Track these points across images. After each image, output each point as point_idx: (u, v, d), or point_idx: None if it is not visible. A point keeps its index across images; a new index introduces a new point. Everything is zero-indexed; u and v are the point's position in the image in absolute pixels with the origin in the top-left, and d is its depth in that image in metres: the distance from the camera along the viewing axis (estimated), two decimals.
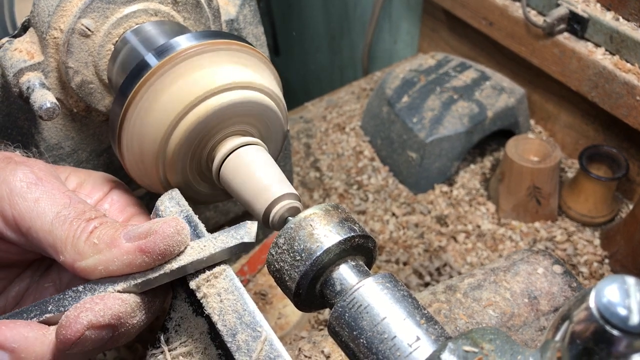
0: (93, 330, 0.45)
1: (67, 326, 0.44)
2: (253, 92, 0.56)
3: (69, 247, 0.47)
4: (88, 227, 0.48)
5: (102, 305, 0.46)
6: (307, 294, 0.47)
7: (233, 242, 0.50)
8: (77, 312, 0.45)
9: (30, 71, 0.62)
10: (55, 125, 0.67)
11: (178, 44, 0.54)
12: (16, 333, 0.44)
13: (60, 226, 0.48)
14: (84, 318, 0.45)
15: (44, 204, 0.49)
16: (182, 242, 0.48)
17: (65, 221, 0.48)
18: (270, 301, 0.94)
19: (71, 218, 0.48)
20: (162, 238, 0.47)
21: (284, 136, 0.63)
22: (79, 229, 0.48)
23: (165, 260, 0.48)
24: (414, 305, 0.43)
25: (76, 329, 0.44)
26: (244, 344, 0.44)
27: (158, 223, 0.48)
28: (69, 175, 0.57)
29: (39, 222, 0.48)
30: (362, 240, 0.47)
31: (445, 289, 0.72)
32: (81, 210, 0.49)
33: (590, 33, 1.07)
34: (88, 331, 0.45)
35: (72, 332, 0.44)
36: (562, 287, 0.72)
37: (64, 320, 0.45)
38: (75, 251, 0.47)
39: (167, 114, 0.53)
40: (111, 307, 0.46)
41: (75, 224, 0.48)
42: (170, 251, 0.48)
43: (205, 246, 0.49)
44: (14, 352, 0.44)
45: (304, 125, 1.41)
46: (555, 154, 1.10)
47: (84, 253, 0.47)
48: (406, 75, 1.30)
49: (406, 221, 1.16)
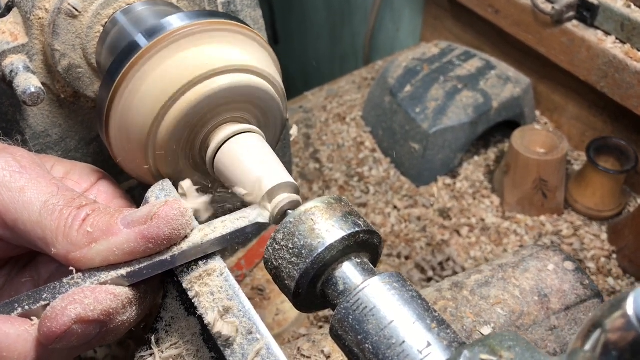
0: (80, 325, 0.42)
1: (53, 318, 0.41)
2: (250, 75, 0.52)
3: (61, 237, 0.44)
4: (80, 214, 0.44)
5: (93, 298, 0.42)
6: (308, 293, 0.44)
7: (245, 223, 0.46)
8: (65, 304, 0.42)
9: (14, 53, 0.59)
10: (42, 111, 0.64)
11: (170, 24, 0.51)
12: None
13: (49, 216, 0.44)
14: (72, 311, 0.41)
15: (30, 193, 0.45)
16: (187, 224, 0.45)
17: (55, 210, 0.44)
18: (268, 297, 0.90)
19: (61, 206, 0.45)
20: (167, 222, 0.44)
21: (283, 124, 0.59)
22: (70, 217, 0.44)
23: (170, 245, 0.45)
24: (424, 308, 0.39)
25: (62, 322, 0.41)
26: (239, 348, 0.41)
27: (158, 205, 0.44)
28: (54, 165, 0.54)
29: (26, 213, 0.44)
30: (367, 236, 0.44)
31: (451, 285, 0.69)
32: (70, 197, 0.46)
33: (600, 21, 1.03)
34: (75, 325, 0.41)
35: (57, 325, 0.41)
36: (573, 284, 0.69)
37: (49, 311, 0.42)
38: (68, 242, 0.44)
39: (156, 99, 0.50)
40: (102, 301, 0.43)
41: (66, 212, 0.44)
42: (176, 235, 0.44)
43: (216, 227, 0.46)
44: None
45: (304, 115, 1.38)
46: (562, 145, 1.07)
47: (78, 243, 0.44)
48: (409, 64, 1.26)
49: (408, 214, 1.13)
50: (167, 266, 0.45)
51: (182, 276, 0.46)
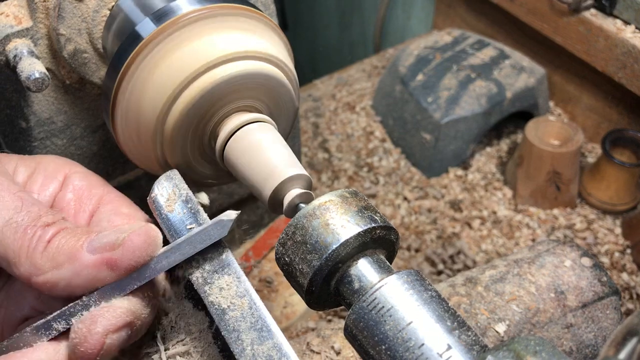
0: (113, 335, 0.41)
1: (83, 341, 0.40)
2: (262, 63, 0.51)
3: (24, 259, 0.42)
4: (45, 235, 0.42)
5: (109, 307, 0.42)
6: (321, 291, 0.42)
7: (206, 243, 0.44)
8: (88, 324, 0.41)
9: (18, 38, 0.57)
10: (46, 97, 0.63)
11: (179, 8, 0.49)
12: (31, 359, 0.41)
13: (12, 235, 0.42)
14: (99, 325, 0.41)
15: None
16: (152, 252, 0.43)
17: (18, 229, 0.42)
18: (276, 289, 0.89)
19: (24, 225, 0.42)
20: (131, 252, 0.42)
21: (295, 113, 0.57)
22: (35, 239, 0.42)
23: (132, 271, 0.43)
24: (444, 308, 0.37)
25: (95, 341, 0.40)
26: (249, 347, 0.39)
27: (126, 232, 0.42)
28: (16, 165, 0.50)
29: None
30: (384, 232, 0.42)
31: (465, 281, 0.67)
32: (36, 214, 0.43)
33: (619, 9, 1.00)
34: (108, 337, 0.41)
35: (92, 346, 0.40)
36: (591, 281, 0.67)
37: (75, 337, 0.41)
38: (31, 264, 0.42)
39: (165, 87, 0.48)
40: (120, 306, 0.42)
41: (30, 232, 0.42)
42: (138, 264, 0.42)
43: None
44: None
45: (313, 104, 1.36)
46: (577, 137, 1.05)
47: (41, 267, 0.42)
48: (421, 53, 1.24)
49: (418, 206, 1.11)
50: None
51: (191, 271, 0.44)
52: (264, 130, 0.51)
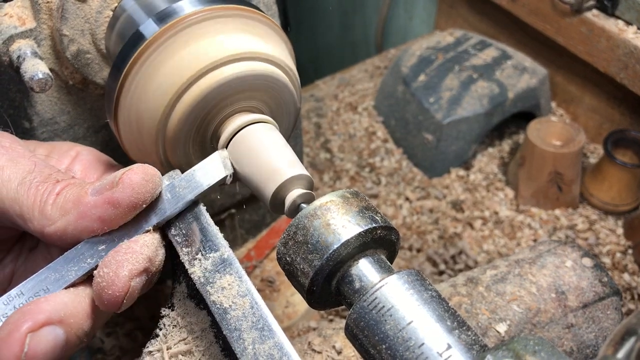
0: (136, 278, 0.43)
1: (111, 284, 0.42)
2: (264, 64, 0.51)
3: (36, 213, 0.44)
4: (54, 189, 0.45)
5: (132, 252, 0.44)
6: (322, 291, 0.42)
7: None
8: (114, 268, 0.43)
9: (22, 38, 0.57)
10: (50, 98, 0.63)
11: (181, 9, 0.49)
12: (55, 303, 0.42)
13: (25, 192, 0.45)
14: (125, 269, 0.43)
15: (8, 171, 0.45)
16: (153, 189, 0.45)
17: (31, 186, 0.45)
18: (278, 288, 0.89)
19: (37, 182, 0.45)
20: (130, 188, 0.44)
21: (297, 113, 0.58)
22: (46, 193, 0.45)
23: (137, 210, 0.45)
24: (444, 308, 0.38)
25: (123, 284, 0.42)
26: (251, 346, 0.40)
27: (123, 171, 0.45)
28: (35, 148, 0.54)
29: (4, 190, 0.45)
30: (385, 232, 0.42)
31: (466, 281, 0.67)
32: (47, 174, 0.46)
33: (621, 10, 1.00)
34: (132, 281, 0.43)
35: (118, 289, 0.42)
36: (592, 281, 0.67)
37: (101, 281, 0.42)
38: (42, 216, 0.44)
39: (167, 88, 0.48)
40: (140, 250, 0.44)
41: (42, 188, 0.45)
42: (141, 200, 0.44)
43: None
44: (62, 322, 0.42)
45: (315, 104, 1.36)
46: (579, 138, 1.05)
47: (52, 217, 0.44)
48: (423, 53, 1.24)
49: (420, 206, 1.11)
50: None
51: (193, 269, 0.45)
52: (266, 130, 0.51)
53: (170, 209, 0.47)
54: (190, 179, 0.48)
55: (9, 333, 0.39)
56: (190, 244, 0.46)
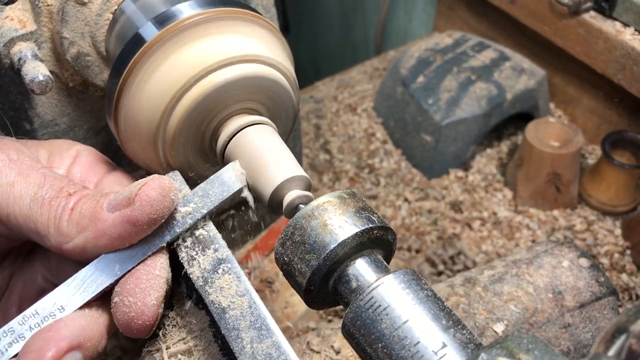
0: (162, 305, 0.44)
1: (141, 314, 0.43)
2: (262, 66, 0.51)
3: (52, 230, 0.44)
4: (68, 204, 0.45)
5: (154, 278, 0.44)
6: (319, 290, 0.43)
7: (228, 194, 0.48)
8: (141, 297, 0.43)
9: (22, 41, 0.58)
10: (50, 100, 0.63)
11: (180, 12, 0.49)
12: (74, 327, 0.42)
13: (39, 209, 0.44)
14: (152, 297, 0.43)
15: (19, 187, 0.45)
16: (170, 204, 0.45)
17: (44, 203, 0.44)
18: (277, 289, 0.90)
19: (50, 197, 0.45)
20: (149, 205, 0.43)
21: (295, 115, 0.58)
22: (59, 209, 0.44)
23: (156, 226, 0.44)
24: (440, 307, 0.38)
25: (152, 313, 0.43)
26: (249, 345, 0.40)
27: (139, 186, 0.44)
28: (37, 150, 0.53)
29: (17, 207, 0.44)
30: (381, 232, 0.43)
31: (463, 281, 0.68)
32: (58, 187, 0.46)
33: (618, 12, 1.01)
34: (160, 307, 0.44)
35: (150, 318, 0.43)
36: (588, 281, 0.67)
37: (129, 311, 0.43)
38: (59, 233, 0.44)
39: (167, 90, 0.49)
40: (160, 274, 0.44)
41: (55, 204, 0.44)
42: (160, 216, 0.44)
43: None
44: (80, 347, 0.41)
45: (314, 106, 1.36)
46: (577, 139, 1.05)
47: (69, 234, 0.44)
48: (422, 55, 1.25)
49: (419, 207, 1.12)
50: None
51: (191, 269, 0.45)
52: (264, 132, 0.51)
53: (184, 225, 0.46)
54: (203, 193, 0.48)
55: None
56: (189, 245, 0.46)
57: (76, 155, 0.54)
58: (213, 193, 0.48)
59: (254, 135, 0.51)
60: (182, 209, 0.47)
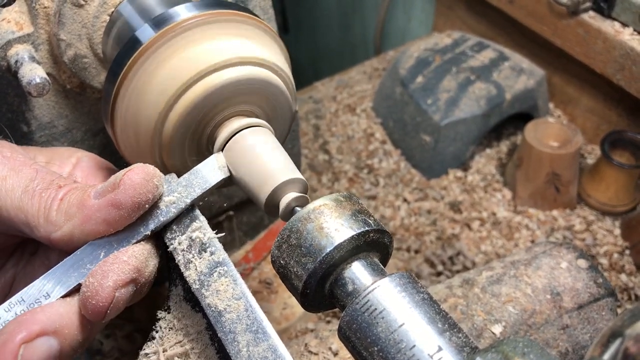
0: (122, 289, 0.43)
1: (95, 294, 0.42)
2: (259, 68, 0.51)
3: (42, 219, 0.45)
4: (58, 195, 0.45)
5: (119, 263, 0.44)
6: (315, 293, 0.43)
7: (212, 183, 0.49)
8: (99, 278, 0.43)
9: (19, 43, 0.58)
10: (47, 102, 0.63)
11: (177, 14, 0.49)
12: (51, 313, 0.42)
13: (29, 200, 0.45)
14: (110, 279, 0.43)
15: (11, 180, 0.46)
16: (154, 188, 0.45)
17: (34, 194, 0.45)
18: (276, 290, 0.89)
19: (40, 189, 0.46)
20: (132, 188, 0.44)
21: (292, 117, 0.58)
22: (49, 199, 0.45)
23: (141, 210, 0.45)
24: (435, 311, 0.38)
25: (106, 294, 0.42)
26: (245, 349, 0.40)
27: (124, 172, 0.45)
28: (35, 155, 0.54)
29: (9, 200, 0.45)
30: (378, 235, 0.43)
31: (462, 282, 0.68)
32: (49, 180, 0.46)
33: (617, 12, 1.01)
34: (117, 292, 0.43)
35: (102, 299, 0.42)
36: (587, 282, 0.67)
37: (87, 290, 0.43)
38: (48, 222, 0.45)
39: (163, 92, 0.49)
40: (128, 261, 0.44)
41: (45, 195, 0.45)
42: (144, 200, 0.45)
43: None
44: (56, 333, 0.42)
45: (313, 106, 1.36)
46: (576, 139, 1.05)
47: (57, 222, 0.45)
48: (421, 55, 1.24)
49: (418, 207, 1.12)
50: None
51: (188, 272, 0.45)
52: (261, 134, 0.51)
53: (168, 214, 0.47)
54: (187, 183, 0.49)
55: (3, 343, 0.39)
56: (185, 247, 0.46)
57: (77, 162, 0.55)
58: (197, 183, 0.49)
59: (251, 137, 0.51)
60: (166, 198, 0.47)
